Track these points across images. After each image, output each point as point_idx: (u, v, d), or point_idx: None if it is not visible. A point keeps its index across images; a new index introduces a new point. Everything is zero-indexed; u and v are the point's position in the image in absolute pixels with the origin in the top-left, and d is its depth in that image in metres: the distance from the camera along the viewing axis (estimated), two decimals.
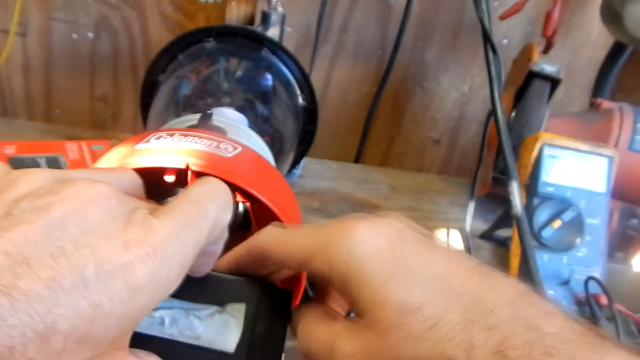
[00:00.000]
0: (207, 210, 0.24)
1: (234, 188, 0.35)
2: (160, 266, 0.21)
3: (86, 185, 0.22)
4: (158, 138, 0.36)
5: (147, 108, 0.64)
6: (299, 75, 0.66)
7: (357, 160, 0.93)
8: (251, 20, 0.75)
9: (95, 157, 0.64)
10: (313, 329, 0.27)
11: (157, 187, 0.36)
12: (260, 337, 0.27)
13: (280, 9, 0.71)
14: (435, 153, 0.95)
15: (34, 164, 0.60)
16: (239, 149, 0.37)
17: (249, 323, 0.27)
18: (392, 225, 0.25)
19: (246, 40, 0.65)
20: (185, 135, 0.36)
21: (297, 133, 0.66)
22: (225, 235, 0.26)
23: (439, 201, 0.80)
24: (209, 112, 0.47)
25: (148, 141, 0.36)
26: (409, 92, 0.90)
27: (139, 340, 0.25)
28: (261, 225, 0.38)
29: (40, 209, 0.20)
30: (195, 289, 0.27)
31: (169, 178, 0.35)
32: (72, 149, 0.64)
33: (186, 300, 0.27)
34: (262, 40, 0.65)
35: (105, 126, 0.86)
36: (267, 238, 0.28)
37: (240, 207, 0.37)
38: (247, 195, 0.35)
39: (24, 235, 0.19)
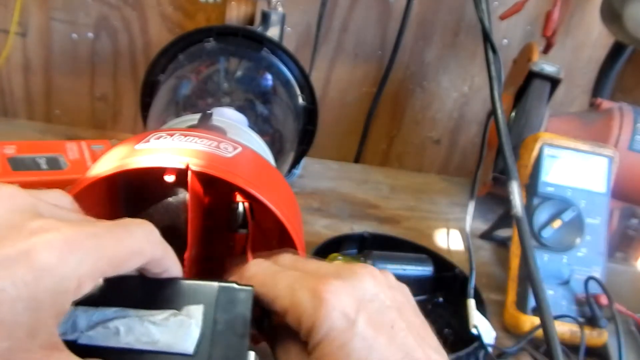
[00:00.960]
0: (133, 232, 0.25)
1: (234, 188, 0.35)
2: (68, 254, 0.21)
3: None
4: (158, 138, 0.36)
5: (147, 108, 0.65)
6: (299, 75, 0.66)
7: (357, 160, 0.93)
8: (251, 20, 0.75)
9: (95, 157, 0.64)
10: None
11: (157, 187, 0.36)
12: (221, 336, 0.27)
13: (280, 9, 0.71)
14: (435, 153, 0.95)
15: (34, 164, 0.60)
16: (239, 149, 0.37)
17: (208, 323, 0.27)
18: (365, 292, 0.28)
19: (246, 40, 0.65)
20: (185, 135, 0.36)
21: (297, 133, 0.66)
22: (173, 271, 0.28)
23: (439, 201, 0.80)
24: (209, 112, 0.47)
25: (148, 141, 0.36)
26: (409, 92, 0.90)
27: (95, 353, 0.25)
28: (261, 225, 0.38)
29: None
30: (151, 296, 0.27)
31: (169, 178, 0.35)
32: (72, 149, 0.64)
33: (142, 309, 0.27)
34: (262, 40, 0.65)
35: (105, 126, 0.86)
36: (251, 280, 0.30)
37: (240, 207, 0.37)
38: (247, 195, 0.35)
39: None
